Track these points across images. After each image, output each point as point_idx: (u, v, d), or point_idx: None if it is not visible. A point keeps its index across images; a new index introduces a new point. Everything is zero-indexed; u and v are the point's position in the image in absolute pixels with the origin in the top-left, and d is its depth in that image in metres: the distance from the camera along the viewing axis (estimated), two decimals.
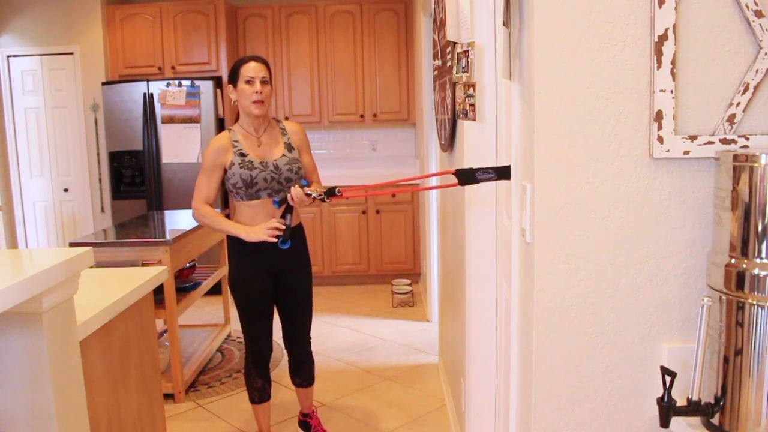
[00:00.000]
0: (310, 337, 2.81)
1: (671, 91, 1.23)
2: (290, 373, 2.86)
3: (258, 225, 2.47)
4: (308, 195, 2.34)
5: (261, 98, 2.48)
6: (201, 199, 2.54)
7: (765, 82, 1.23)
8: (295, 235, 2.59)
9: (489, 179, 1.65)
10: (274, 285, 2.64)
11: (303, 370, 2.83)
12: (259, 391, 2.72)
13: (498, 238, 2.07)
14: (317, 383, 3.58)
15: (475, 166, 1.82)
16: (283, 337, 2.80)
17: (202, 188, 2.53)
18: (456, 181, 1.72)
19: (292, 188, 2.38)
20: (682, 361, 1.28)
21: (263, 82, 2.50)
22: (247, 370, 2.74)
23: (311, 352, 2.85)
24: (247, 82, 2.48)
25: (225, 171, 2.52)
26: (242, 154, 2.50)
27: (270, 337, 2.70)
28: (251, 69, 2.48)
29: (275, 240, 2.41)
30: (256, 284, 2.59)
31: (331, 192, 2.23)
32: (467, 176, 1.68)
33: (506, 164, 1.61)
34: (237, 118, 2.66)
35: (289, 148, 2.59)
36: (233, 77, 2.53)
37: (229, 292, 4.46)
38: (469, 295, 2.23)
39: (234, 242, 2.57)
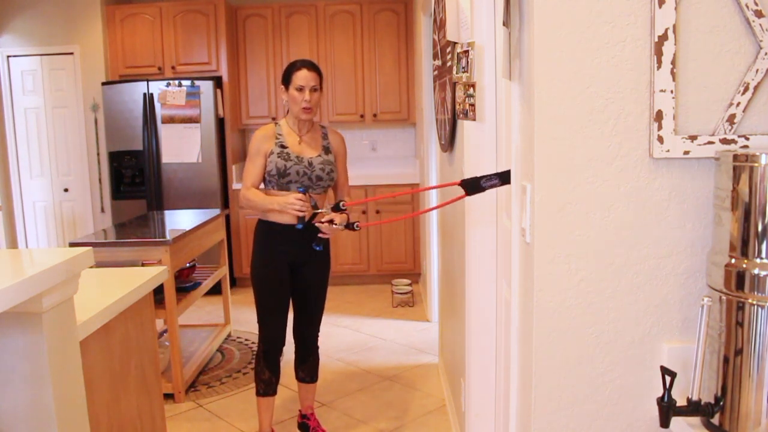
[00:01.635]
0: (318, 332, 2.87)
1: (671, 91, 1.23)
2: (295, 367, 2.92)
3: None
4: (331, 222, 2.49)
5: (309, 105, 2.60)
6: (249, 183, 2.65)
7: (765, 82, 1.23)
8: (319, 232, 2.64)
9: (494, 185, 1.66)
10: (291, 276, 2.72)
11: (308, 363, 2.88)
12: (265, 384, 2.76)
13: (498, 238, 2.07)
14: (317, 383, 3.59)
15: (474, 170, 1.82)
16: (293, 328, 2.86)
17: (250, 172, 2.65)
18: (462, 192, 1.72)
19: (325, 223, 2.49)
20: (682, 361, 1.28)
21: (313, 90, 2.61)
22: (257, 360, 2.78)
23: (318, 347, 2.91)
24: (299, 89, 2.59)
25: (266, 159, 2.63)
26: (282, 146, 2.63)
27: (284, 329, 2.74)
28: (303, 77, 2.58)
29: (299, 214, 2.47)
30: (275, 273, 2.67)
31: (350, 226, 2.41)
32: (473, 186, 1.68)
33: (508, 169, 1.61)
34: (287, 113, 2.75)
35: (326, 151, 2.73)
36: (286, 80, 2.64)
37: (229, 291, 4.48)
38: (469, 295, 2.23)
39: (260, 232, 2.69)
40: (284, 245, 2.65)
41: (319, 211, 2.50)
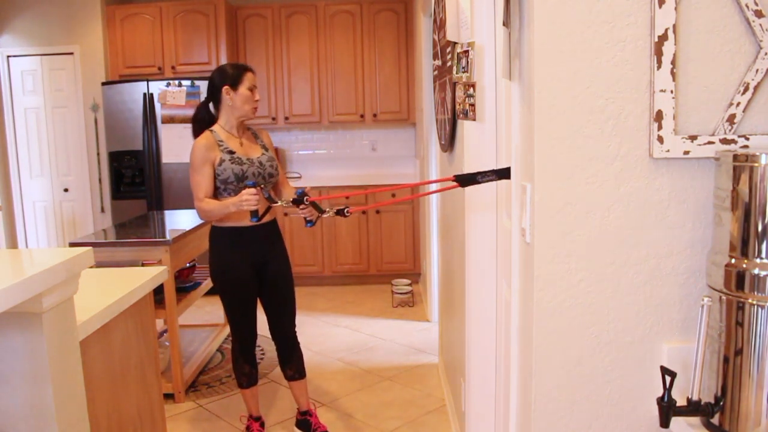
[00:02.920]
0: (295, 327, 2.90)
1: (671, 91, 1.23)
2: (281, 366, 2.94)
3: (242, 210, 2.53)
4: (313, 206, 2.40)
5: (257, 105, 2.73)
6: (202, 195, 2.62)
7: (765, 82, 1.23)
8: (272, 228, 2.79)
9: (490, 180, 1.66)
10: (256, 276, 2.77)
11: (292, 361, 2.91)
12: (247, 376, 2.87)
13: (498, 238, 2.07)
14: (317, 383, 3.59)
15: (474, 169, 1.81)
16: (270, 329, 2.89)
17: (201, 184, 2.62)
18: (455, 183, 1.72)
19: (308, 208, 2.40)
20: (682, 361, 1.28)
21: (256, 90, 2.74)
22: (234, 357, 2.86)
23: (298, 342, 2.93)
24: (251, 89, 2.68)
25: (213, 168, 2.63)
26: (230, 152, 2.65)
27: (254, 325, 2.83)
28: (252, 78, 2.70)
29: (253, 208, 2.42)
30: (238, 273, 2.71)
31: (341, 212, 2.25)
32: (467, 180, 1.68)
33: (506, 166, 1.61)
34: (205, 121, 2.74)
35: (265, 148, 2.80)
36: (234, 82, 2.66)
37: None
38: (469, 295, 2.23)
39: (216, 235, 2.73)
40: (244, 247, 2.70)
41: (277, 203, 2.46)
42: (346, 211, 2.24)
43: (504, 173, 1.63)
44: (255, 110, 2.72)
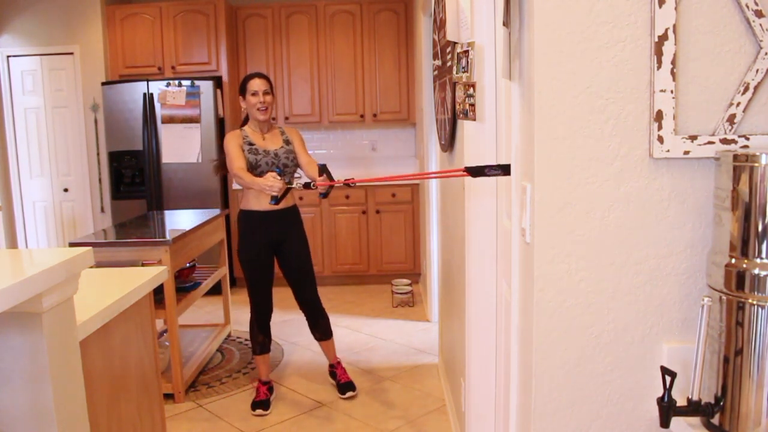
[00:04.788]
0: (318, 295, 3.37)
1: (671, 91, 1.23)
2: (311, 331, 3.45)
3: (263, 196, 3.07)
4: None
5: (264, 106, 3.15)
6: (236, 165, 3.08)
7: (765, 82, 1.23)
8: (291, 212, 3.26)
9: (496, 174, 1.71)
10: (275, 255, 3.27)
11: (319, 324, 3.41)
12: (260, 345, 3.33)
13: (498, 238, 2.07)
14: (317, 383, 3.59)
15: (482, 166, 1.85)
16: (296, 300, 3.36)
17: (235, 157, 3.09)
18: (464, 172, 1.78)
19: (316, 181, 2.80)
20: (682, 361, 1.28)
21: (265, 93, 3.16)
22: (251, 326, 3.31)
23: (323, 308, 3.41)
24: (253, 94, 3.14)
25: (241, 150, 3.12)
26: (251, 143, 3.16)
27: (270, 298, 3.30)
28: (255, 84, 3.15)
29: (275, 193, 2.82)
30: (257, 254, 3.20)
31: (347, 184, 2.54)
32: (477, 171, 1.74)
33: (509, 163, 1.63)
34: (244, 122, 3.29)
35: (287, 143, 3.24)
36: (242, 91, 3.18)
37: (229, 292, 4.49)
38: (469, 295, 2.23)
39: (240, 218, 3.24)
40: (263, 227, 3.19)
41: (292, 186, 2.85)
42: (351, 184, 2.57)
43: (508, 169, 1.64)
44: (261, 111, 3.14)
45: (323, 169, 2.75)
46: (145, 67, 5.51)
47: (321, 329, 3.42)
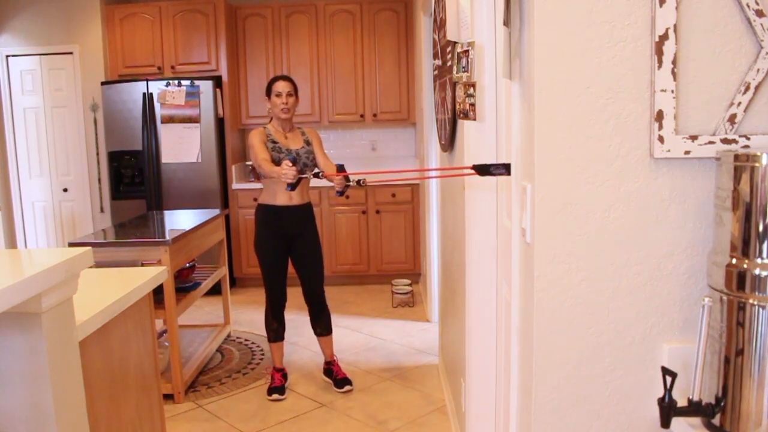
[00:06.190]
0: (323, 291, 3.53)
1: (672, 91, 1.22)
2: (312, 325, 3.57)
3: (279, 193, 3.33)
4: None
5: (286, 107, 3.36)
6: (261, 157, 3.25)
7: (766, 81, 1.23)
8: (305, 209, 3.44)
9: (501, 174, 1.71)
10: (288, 247, 3.43)
11: (321, 319, 3.54)
12: (274, 332, 3.50)
13: (498, 238, 2.07)
14: (317, 383, 3.59)
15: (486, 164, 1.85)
16: (303, 292, 3.52)
17: (260, 150, 3.27)
18: (470, 171, 1.79)
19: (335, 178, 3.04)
20: (682, 361, 1.28)
21: (288, 95, 3.36)
22: (266, 314, 3.50)
23: (327, 304, 3.56)
24: (277, 95, 3.35)
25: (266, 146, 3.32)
26: (274, 141, 3.36)
27: (284, 288, 3.47)
28: (279, 86, 3.35)
29: (290, 180, 2.98)
30: (274, 245, 3.39)
31: (359, 183, 2.97)
32: (483, 169, 1.75)
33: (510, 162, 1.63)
34: (270, 120, 3.49)
35: (307, 143, 3.44)
36: (268, 92, 3.40)
37: (229, 292, 4.49)
38: (469, 295, 2.23)
39: (258, 211, 3.43)
40: (279, 222, 3.37)
41: (304, 176, 3.09)
42: (362, 181, 2.96)
43: (510, 169, 1.65)
44: (283, 111, 3.34)
45: (341, 170, 2.97)
46: (144, 66, 5.50)
47: (323, 324, 3.54)
